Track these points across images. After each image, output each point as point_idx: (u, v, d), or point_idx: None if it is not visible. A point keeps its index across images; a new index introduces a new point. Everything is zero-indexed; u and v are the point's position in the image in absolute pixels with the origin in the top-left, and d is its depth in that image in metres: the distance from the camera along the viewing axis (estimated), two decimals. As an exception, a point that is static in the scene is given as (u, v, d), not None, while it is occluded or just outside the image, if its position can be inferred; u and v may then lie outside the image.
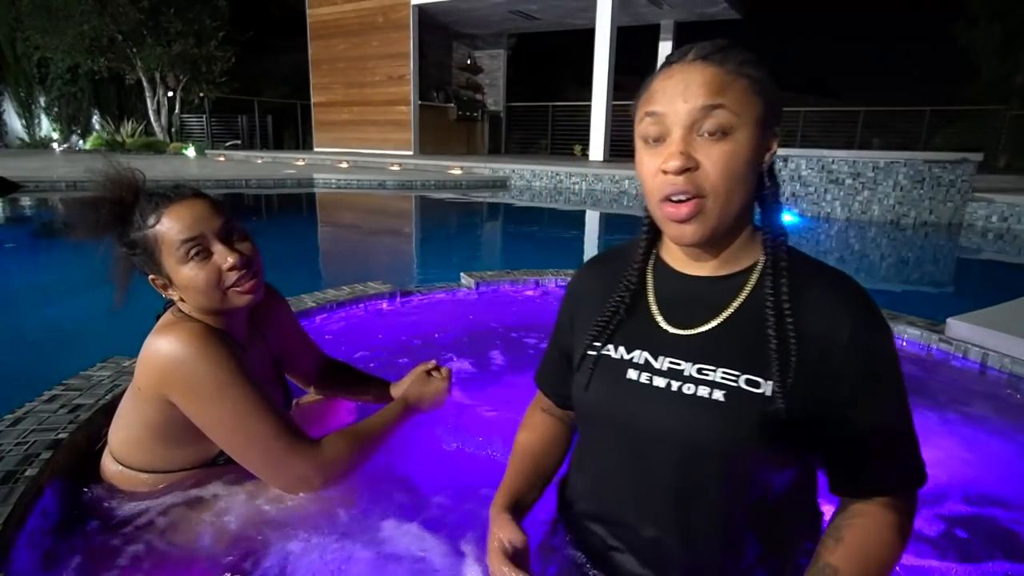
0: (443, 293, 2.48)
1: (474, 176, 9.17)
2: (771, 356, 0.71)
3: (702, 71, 0.69)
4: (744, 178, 0.71)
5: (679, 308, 0.79)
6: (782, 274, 0.73)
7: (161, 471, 1.02)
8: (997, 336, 1.89)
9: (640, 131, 0.74)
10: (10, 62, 15.87)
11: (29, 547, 0.93)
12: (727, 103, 0.68)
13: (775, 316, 0.72)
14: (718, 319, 0.76)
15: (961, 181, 5.90)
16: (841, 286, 0.74)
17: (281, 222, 5.89)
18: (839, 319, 0.71)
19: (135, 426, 1.00)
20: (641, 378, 0.77)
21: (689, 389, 0.74)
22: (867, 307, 0.73)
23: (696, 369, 0.74)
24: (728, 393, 0.72)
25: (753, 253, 0.78)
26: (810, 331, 0.71)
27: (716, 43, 0.72)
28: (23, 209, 5.85)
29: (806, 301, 0.72)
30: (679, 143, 0.69)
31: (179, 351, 0.91)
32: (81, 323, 2.34)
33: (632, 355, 0.79)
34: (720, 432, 0.71)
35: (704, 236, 0.72)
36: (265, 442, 0.96)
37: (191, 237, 0.93)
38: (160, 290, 1.00)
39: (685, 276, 0.80)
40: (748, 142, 0.69)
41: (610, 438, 0.81)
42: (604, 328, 0.83)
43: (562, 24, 13.99)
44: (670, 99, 0.70)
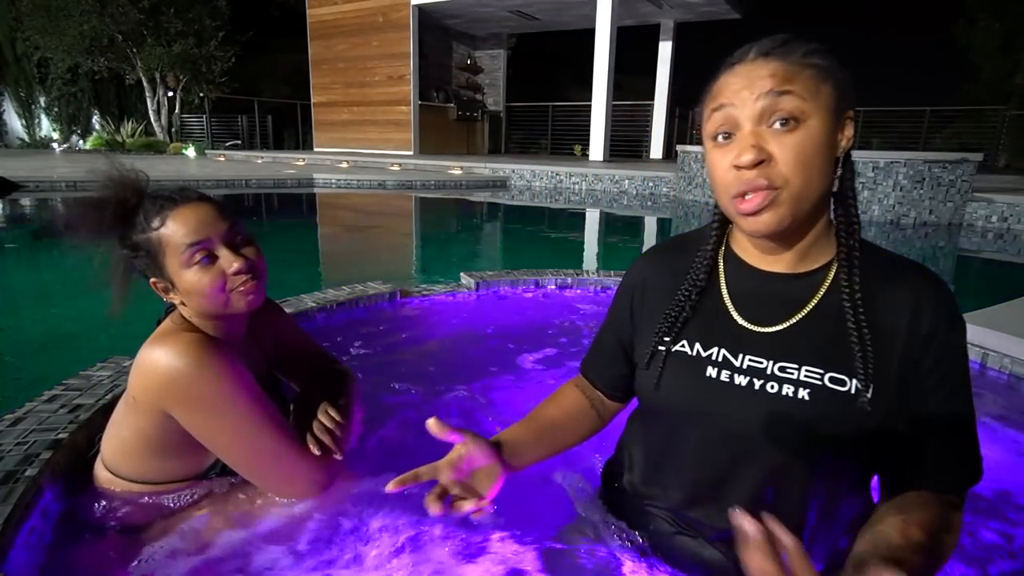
0: (443, 293, 2.48)
1: (474, 176, 9.17)
2: (854, 353, 0.70)
3: (767, 64, 0.68)
4: (819, 167, 0.68)
5: (755, 304, 0.78)
6: (856, 270, 0.72)
7: (152, 482, 1.01)
8: (997, 336, 1.89)
9: (708, 129, 0.72)
10: (10, 62, 15.87)
11: (29, 547, 0.93)
12: (796, 90, 0.66)
13: (854, 312, 0.71)
14: (797, 316, 0.75)
15: (961, 181, 5.90)
16: (923, 281, 0.73)
17: (281, 222, 5.89)
18: (919, 312, 0.70)
19: (128, 436, 0.98)
20: (722, 376, 0.76)
21: (773, 388, 0.73)
22: (946, 300, 0.72)
23: (778, 368, 0.73)
24: (813, 392, 0.71)
25: (829, 249, 0.76)
26: (891, 326, 0.70)
27: (776, 38, 0.70)
28: (23, 209, 5.85)
29: (885, 295, 0.72)
30: (750, 136, 0.67)
31: (178, 363, 0.89)
32: (81, 323, 2.34)
33: (710, 352, 0.78)
34: (807, 431, 0.71)
35: (780, 225, 0.69)
36: (270, 451, 0.96)
37: (196, 241, 0.92)
38: (161, 293, 0.98)
39: (760, 272, 0.78)
40: (821, 129, 0.67)
41: (688, 436, 0.80)
42: (674, 323, 0.81)
43: (562, 24, 13.99)
44: (736, 92, 0.68)
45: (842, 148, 0.71)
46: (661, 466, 0.85)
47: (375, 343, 1.98)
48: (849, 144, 0.72)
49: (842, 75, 0.70)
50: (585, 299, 2.54)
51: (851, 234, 0.73)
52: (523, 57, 18.66)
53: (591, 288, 2.62)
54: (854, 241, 0.73)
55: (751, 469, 0.75)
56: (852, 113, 0.72)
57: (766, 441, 0.73)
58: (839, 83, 0.69)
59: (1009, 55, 15.13)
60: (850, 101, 0.71)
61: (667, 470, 0.84)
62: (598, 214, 6.78)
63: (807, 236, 0.74)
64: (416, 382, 1.67)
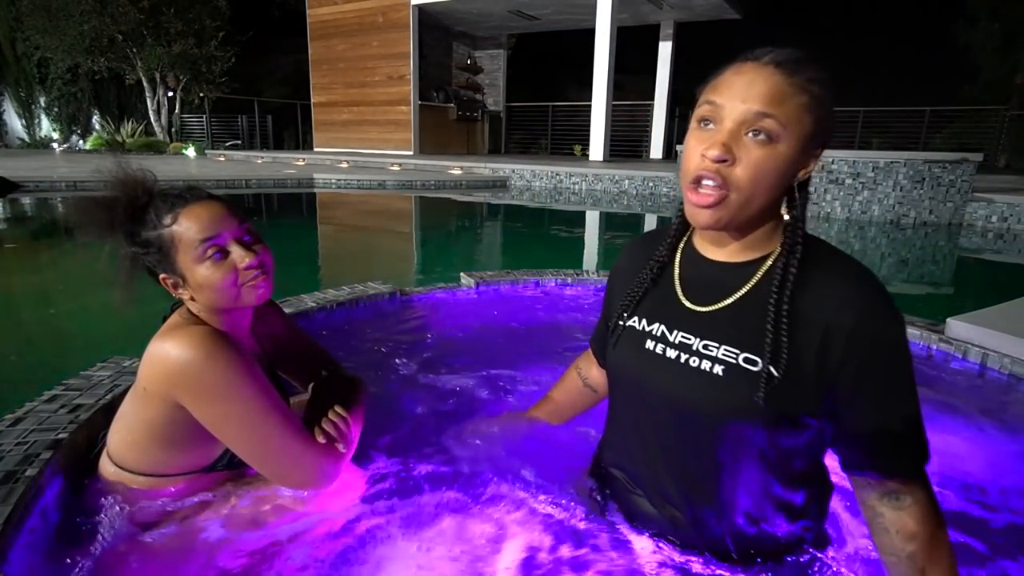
0: (443, 293, 2.48)
1: (474, 176, 9.17)
2: (767, 339, 0.77)
3: (770, 76, 0.73)
4: (772, 185, 0.76)
5: (698, 287, 0.87)
6: (792, 265, 0.78)
7: (158, 474, 1.02)
8: (997, 336, 1.89)
9: (697, 113, 0.79)
10: (10, 62, 15.86)
11: (29, 547, 0.93)
12: (778, 115, 0.72)
13: (776, 301, 0.77)
14: (728, 300, 0.83)
15: (961, 181, 5.90)
16: (851, 275, 0.77)
17: (281, 222, 5.89)
18: (845, 306, 0.74)
19: (136, 428, 1.00)
20: (657, 349, 0.87)
21: (694, 362, 0.82)
22: (875, 296, 0.76)
23: (702, 344, 0.82)
24: (726, 368, 0.79)
25: (773, 243, 0.83)
26: (814, 316, 0.76)
27: (794, 52, 0.75)
28: (23, 209, 5.85)
29: (814, 288, 0.77)
30: (725, 134, 0.74)
31: (189, 354, 0.91)
32: (81, 323, 2.34)
33: (652, 328, 0.89)
34: (717, 402, 0.80)
35: (718, 224, 0.78)
36: (277, 440, 0.98)
37: (209, 237, 0.95)
38: (171, 289, 1.00)
39: (707, 259, 0.87)
40: (787, 154, 0.74)
41: (630, 399, 0.93)
42: (632, 301, 0.93)
43: (562, 24, 13.99)
44: (732, 94, 0.74)
45: (799, 177, 0.78)
46: (614, 430, 0.99)
47: (375, 343, 1.98)
48: (806, 175, 0.79)
49: (828, 114, 0.76)
50: (585, 299, 2.54)
51: (794, 247, 0.79)
52: (523, 57, 18.65)
53: (591, 288, 2.62)
54: (796, 241, 0.80)
55: (673, 436, 0.85)
56: (820, 152, 0.79)
57: (686, 409, 0.83)
58: (821, 119, 0.75)
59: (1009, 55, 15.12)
60: (824, 138, 0.77)
61: (617, 434, 0.98)
62: (598, 214, 6.78)
63: (751, 233, 0.82)
64: (416, 382, 1.67)
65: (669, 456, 0.86)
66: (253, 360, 1.00)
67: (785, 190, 0.78)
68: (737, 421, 0.79)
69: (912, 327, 2.08)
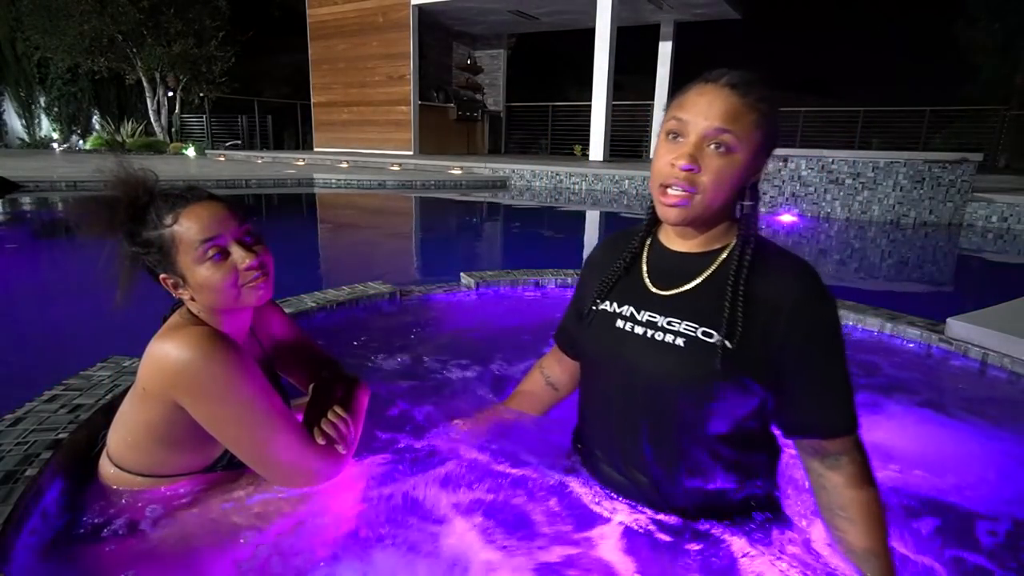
0: (443, 293, 2.48)
1: (474, 176, 9.17)
2: (723, 316, 0.90)
3: (727, 97, 0.87)
4: (730, 188, 0.90)
5: (664, 275, 1.01)
6: (746, 255, 0.92)
7: (158, 475, 1.02)
8: (997, 336, 1.89)
9: (666, 127, 0.93)
10: (10, 62, 15.85)
11: (29, 547, 0.93)
12: (735, 130, 0.87)
13: (732, 284, 0.91)
14: (690, 284, 0.97)
15: (961, 181, 5.89)
16: (792, 267, 0.93)
17: (281, 222, 5.89)
18: (785, 291, 0.90)
19: (136, 428, 1.00)
20: (626, 327, 1.00)
21: (659, 336, 0.95)
22: (810, 283, 0.91)
23: (667, 321, 0.96)
24: (687, 340, 0.93)
25: (729, 237, 0.97)
26: (761, 298, 0.90)
27: (746, 76, 0.89)
28: (23, 209, 5.85)
29: (762, 276, 0.91)
30: (691, 147, 0.88)
31: (189, 354, 0.91)
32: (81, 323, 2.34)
33: (622, 309, 1.02)
34: (678, 370, 0.93)
35: (685, 220, 0.93)
36: (276, 441, 0.98)
37: (210, 237, 0.95)
38: (171, 289, 1.00)
39: (672, 251, 1.01)
40: (743, 162, 0.89)
41: (600, 374, 1.05)
42: (607, 288, 1.06)
43: (562, 24, 13.99)
44: (696, 112, 0.88)
45: (751, 181, 0.93)
46: (586, 407, 1.12)
47: (375, 343, 1.98)
48: (757, 178, 0.94)
49: (774, 128, 0.91)
50: (585, 299, 2.54)
51: (747, 240, 0.93)
52: (523, 57, 18.64)
53: (591, 288, 2.61)
54: (749, 236, 0.94)
55: (640, 403, 0.98)
56: (767, 159, 0.94)
57: (650, 377, 0.95)
58: (769, 134, 0.90)
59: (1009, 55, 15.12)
60: (771, 148, 0.93)
61: (589, 409, 1.11)
62: (598, 214, 6.78)
63: (711, 229, 0.97)
64: (416, 382, 1.67)
65: (634, 423, 0.99)
66: (253, 361, 1.00)
67: (740, 191, 0.93)
68: (695, 385, 0.92)
69: (912, 327, 2.08)
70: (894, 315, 2.17)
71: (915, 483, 1.24)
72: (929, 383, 1.85)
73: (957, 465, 1.36)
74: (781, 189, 6.41)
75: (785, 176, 6.36)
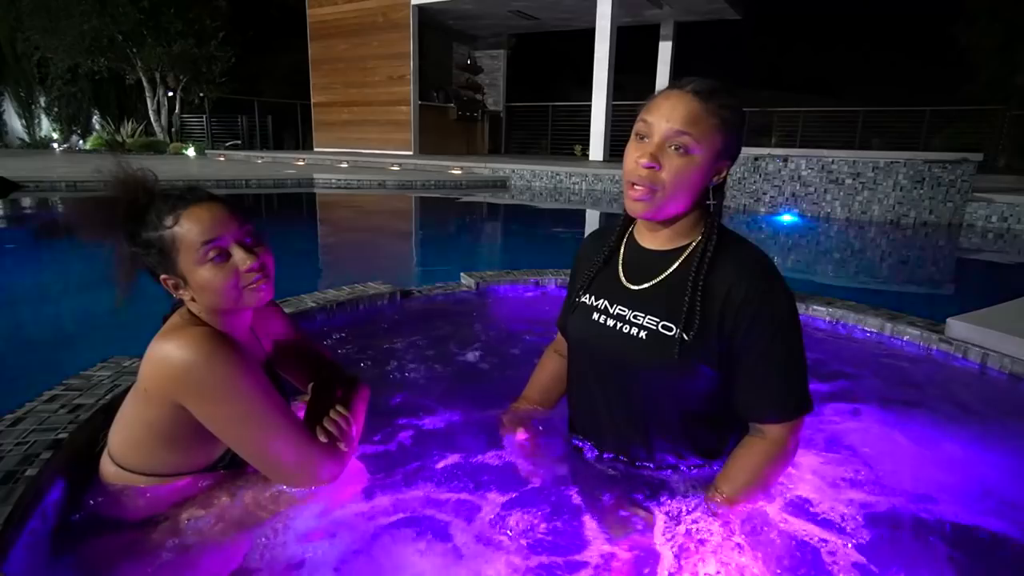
0: (443, 293, 2.48)
1: (474, 176, 9.17)
2: (682, 310, 0.99)
3: (688, 103, 0.95)
4: (690, 185, 0.98)
5: (636, 270, 1.10)
6: (707, 252, 1.00)
7: (160, 474, 1.02)
8: (997, 336, 1.89)
9: (635, 128, 1.01)
10: (10, 62, 15.84)
11: (29, 547, 0.93)
12: (694, 133, 0.94)
13: (692, 281, 0.99)
14: (656, 279, 1.06)
15: (961, 181, 5.89)
16: (747, 260, 1.01)
17: (281, 222, 5.89)
18: (738, 283, 0.97)
19: (137, 428, 1.00)
20: (600, 319, 1.10)
21: (625, 329, 1.06)
22: (763, 276, 0.99)
23: (633, 315, 1.06)
24: (648, 333, 1.03)
25: (694, 234, 1.05)
26: (716, 291, 0.99)
27: (709, 83, 0.97)
28: (23, 209, 5.85)
29: (720, 270, 0.99)
30: (654, 147, 0.97)
31: (191, 355, 0.91)
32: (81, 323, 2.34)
33: (598, 302, 1.12)
34: (640, 359, 1.03)
35: (648, 213, 1.01)
36: (279, 440, 0.98)
37: (211, 239, 0.95)
38: (171, 290, 1.00)
39: (644, 248, 1.10)
40: (701, 163, 0.96)
41: (580, 360, 1.17)
42: (586, 281, 1.16)
43: (562, 24, 13.98)
44: (659, 116, 0.96)
45: (713, 181, 1.01)
46: (572, 390, 1.23)
47: (375, 343, 1.98)
48: (720, 180, 1.01)
49: (735, 134, 0.98)
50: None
51: (710, 236, 1.01)
52: (523, 57, 18.61)
53: (591, 288, 2.61)
54: (711, 235, 1.01)
55: (612, 388, 1.10)
56: (729, 163, 1.01)
57: (616, 365, 1.07)
58: (729, 139, 0.97)
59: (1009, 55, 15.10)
60: (730, 153, 1.00)
61: (574, 391, 1.22)
62: (598, 214, 6.78)
63: (676, 225, 1.05)
64: (416, 382, 1.67)
65: (609, 404, 1.11)
66: (255, 360, 1.00)
67: (703, 191, 1.00)
68: (656, 372, 1.02)
69: (912, 327, 2.08)
70: (894, 315, 2.17)
71: (914, 483, 1.24)
72: (929, 383, 1.85)
73: (957, 465, 1.36)
74: (781, 189, 6.41)
75: (785, 176, 6.36)
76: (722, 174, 1.01)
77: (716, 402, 1.06)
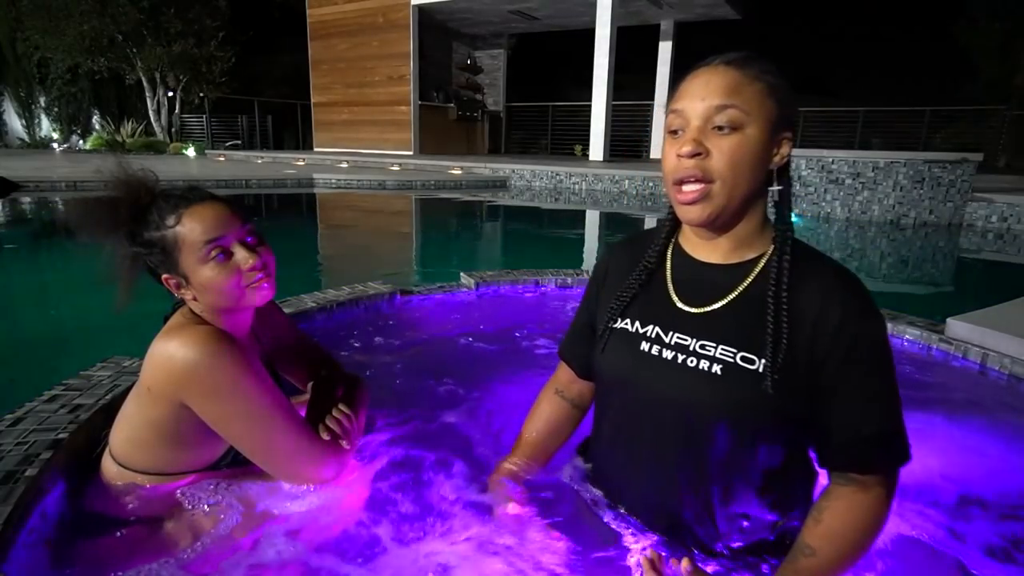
0: (443, 293, 2.48)
1: (474, 176, 9.17)
2: (767, 337, 0.79)
3: (723, 73, 0.78)
4: (749, 169, 0.79)
5: (692, 289, 0.89)
6: (785, 265, 0.81)
7: (163, 473, 1.02)
8: (997, 336, 1.89)
9: (666, 125, 0.83)
10: (10, 62, 15.84)
11: (29, 547, 0.93)
12: (739, 103, 0.76)
13: (774, 302, 0.80)
14: (723, 301, 0.85)
15: (961, 181, 5.89)
16: (837, 277, 0.81)
17: (281, 222, 5.89)
18: (830, 306, 0.78)
19: (140, 427, 1.00)
20: (652, 350, 0.88)
21: (692, 362, 0.83)
22: (858, 296, 0.80)
23: (699, 344, 0.84)
24: (724, 367, 0.81)
25: (762, 244, 0.86)
26: (803, 315, 0.79)
27: (741, 53, 0.80)
28: (23, 209, 5.85)
29: (803, 289, 0.80)
30: (694, 132, 0.78)
31: (193, 354, 0.91)
32: (81, 323, 2.34)
33: (646, 329, 0.90)
34: (715, 401, 0.81)
35: (709, 217, 0.81)
36: (282, 438, 0.98)
37: (213, 238, 0.95)
38: (173, 289, 1.00)
39: (699, 261, 0.89)
40: (757, 138, 0.77)
41: (624, 401, 0.92)
42: (624, 303, 0.94)
43: (562, 24, 13.98)
44: (690, 97, 0.79)
45: (775, 163, 0.81)
46: (606, 431, 0.98)
47: (375, 343, 1.98)
48: (783, 161, 0.82)
49: (788, 97, 0.80)
50: (585, 299, 2.54)
51: (785, 240, 0.83)
52: (523, 57, 18.62)
53: (591, 288, 2.61)
54: (786, 242, 0.83)
55: (672, 431, 0.85)
56: (790, 135, 0.82)
57: (684, 408, 0.83)
58: (783, 102, 0.79)
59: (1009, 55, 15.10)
60: (789, 121, 0.81)
61: (609, 434, 0.97)
62: (598, 214, 6.78)
63: (739, 231, 0.85)
64: (416, 382, 1.67)
65: (665, 456, 0.87)
66: (257, 359, 1.00)
67: (764, 177, 0.81)
68: (733, 418, 0.81)
69: (912, 327, 2.08)
70: (894, 315, 2.17)
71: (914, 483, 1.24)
72: (929, 383, 1.85)
73: (955, 465, 1.35)
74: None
75: (785, 176, 6.36)
76: (783, 151, 0.81)
77: (796, 448, 0.86)
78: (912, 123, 13.60)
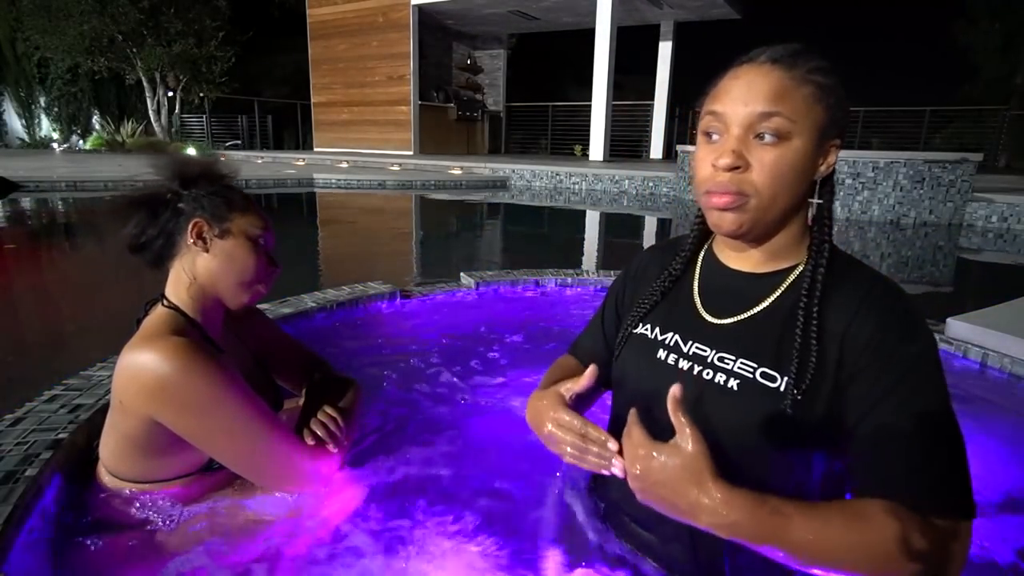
0: (443, 293, 2.48)
1: (474, 176, 9.17)
2: (792, 355, 0.72)
3: (768, 75, 0.71)
4: (792, 184, 0.72)
5: (718, 298, 0.83)
6: (819, 277, 0.74)
7: (153, 481, 1.01)
8: (997, 336, 1.89)
9: (701, 126, 0.77)
10: (10, 62, 15.84)
11: (29, 547, 0.93)
12: (784, 111, 0.69)
13: (804, 316, 0.73)
14: (749, 312, 0.79)
15: (961, 181, 5.90)
16: (870, 288, 0.73)
17: (281, 222, 5.87)
18: (862, 320, 0.70)
19: (120, 440, 0.97)
20: (669, 359, 0.82)
21: (708, 375, 0.77)
22: (895, 310, 0.71)
23: (717, 357, 0.78)
24: (742, 383, 0.74)
25: (797, 254, 0.79)
26: (832, 326, 0.72)
27: (789, 47, 0.72)
28: (23, 209, 5.85)
29: (834, 296, 0.73)
30: (734, 141, 0.71)
31: (165, 369, 0.88)
32: (81, 323, 2.34)
33: (665, 336, 0.85)
34: (726, 417, 0.74)
35: (740, 228, 0.74)
36: (264, 447, 0.97)
37: (266, 232, 1.07)
38: (193, 236, 0.99)
39: (729, 269, 0.83)
40: (802, 149, 0.71)
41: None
42: (647, 309, 0.89)
43: (562, 24, 13.99)
44: (732, 100, 0.72)
45: (821, 172, 0.75)
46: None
47: (375, 343, 1.98)
48: (829, 170, 0.75)
49: (839, 100, 0.72)
50: (585, 299, 2.54)
51: (821, 251, 0.76)
52: (523, 57, 18.63)
53: (591, 288, 2.62)
54: (823, 254, 0.75)
55: None
56: (839, 142, 0.74)
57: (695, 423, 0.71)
58: (833, 107, 0.72)
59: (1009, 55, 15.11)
60: (839, 129, 0.74)
61: None
62: (598, 214, 6.78)
63: (775, 240, 0.78)
64: (416, 382, 1.67)
65: None
66: (233, 367, 0.98)
67: (807, 188, 0.74)
68: (749, 437, 0.72)
69: (912, 327, 2.07)
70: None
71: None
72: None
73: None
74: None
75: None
76: (829, 160, 0.74)
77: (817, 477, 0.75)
78: (912, 123, 13.61)
